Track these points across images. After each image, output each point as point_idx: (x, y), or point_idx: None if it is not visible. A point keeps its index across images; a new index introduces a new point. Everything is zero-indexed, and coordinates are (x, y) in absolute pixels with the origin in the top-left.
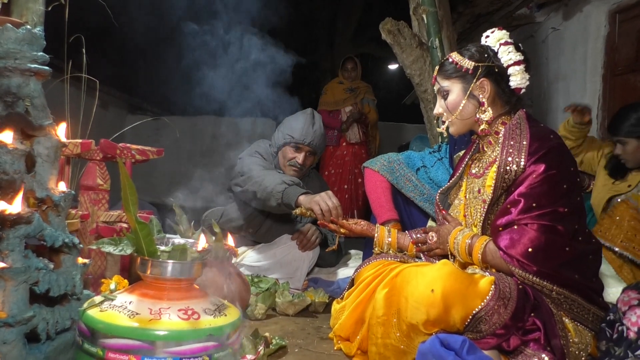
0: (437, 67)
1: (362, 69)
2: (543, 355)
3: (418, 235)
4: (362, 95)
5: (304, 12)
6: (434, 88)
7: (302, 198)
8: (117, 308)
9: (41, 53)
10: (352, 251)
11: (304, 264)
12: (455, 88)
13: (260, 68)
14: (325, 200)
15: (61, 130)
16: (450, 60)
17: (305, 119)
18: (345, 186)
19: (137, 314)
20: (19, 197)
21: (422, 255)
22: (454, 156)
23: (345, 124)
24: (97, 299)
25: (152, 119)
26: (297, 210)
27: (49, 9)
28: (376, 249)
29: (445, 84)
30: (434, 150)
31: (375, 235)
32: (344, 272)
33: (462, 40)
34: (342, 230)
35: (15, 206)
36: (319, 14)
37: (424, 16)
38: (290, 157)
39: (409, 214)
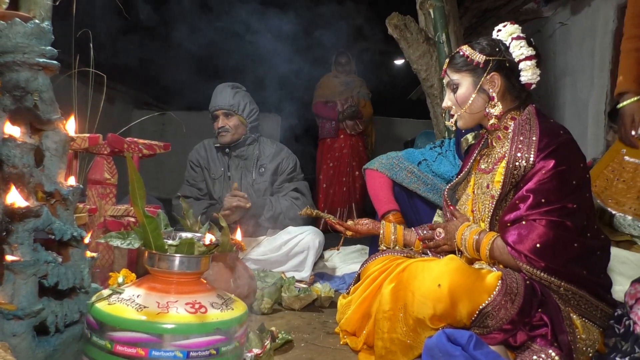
0: (447, 60)
1: (362, 64)
2: (550, 351)
3: (425, 232)
4: (357, 89)
5: (308, 7)
6: (444, 81)
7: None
8: (125, 301)
9: (49, 47)
10: (358, 246)
11: (311, 252)
12: (465, 81)
13: (264, 64)
14: (230, 204)
15: (69, 125)
16: (461, 53)
17: (213, 93)
18: (344, 179)
19: (144, 307)
20: (28, 190)
21: (429, 251)
22: (462, 139)
23: (342, 114)
24: (105, 292)
25: (158, 114)
26: (302, 211)
27: (57, 3)
28: (382, 246)
29: (455, 77)
30: (435, 145)
31: (381, 231)
32: (350, 267)
33: (468, 35)
34: (348, 232)
35: (24, 200)
36: (323, 8)
37: (431, 11)
38: (214, 127)
39: (414, 209)
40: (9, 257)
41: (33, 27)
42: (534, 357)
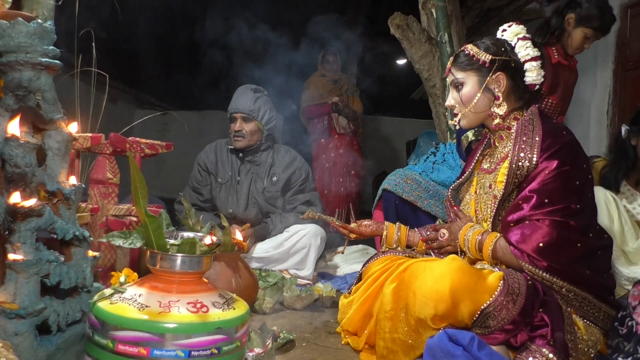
0: (451, 59)
1: (365, 64)
2: (544, 350)
3: (428, 233)
4: (346, 86)
5: (310, 7)
6: (447, 80)
7: None
8: (127, 301)
9: (52, 47)
10: (359, 246)
11: (312, 250)
12: (470, 80)
13: (267, 65)
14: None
15: (72, 125)
16: (467, 52)
17: (235, 93)
18: (340, 179)
19: (146, 306)
20: (31, 190)
21: (431, 251)
22: (462, 137)
23: (336, 106)
24: (107, 291)
25: (161, 114)
26: (305, 215)
27: (60, 3)
28: (384, 246)
29: (459, 75)
30: (428, 155)
31: (384, 232)
32: (352, 267)
33: (471, 34)
34: (352, 235)
35: (26, 199)
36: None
37: (433, 11)
38: (231, 129)
39: (418, 223)
40: (11, 256)
41: (36, 27)
42: (530, 357)
